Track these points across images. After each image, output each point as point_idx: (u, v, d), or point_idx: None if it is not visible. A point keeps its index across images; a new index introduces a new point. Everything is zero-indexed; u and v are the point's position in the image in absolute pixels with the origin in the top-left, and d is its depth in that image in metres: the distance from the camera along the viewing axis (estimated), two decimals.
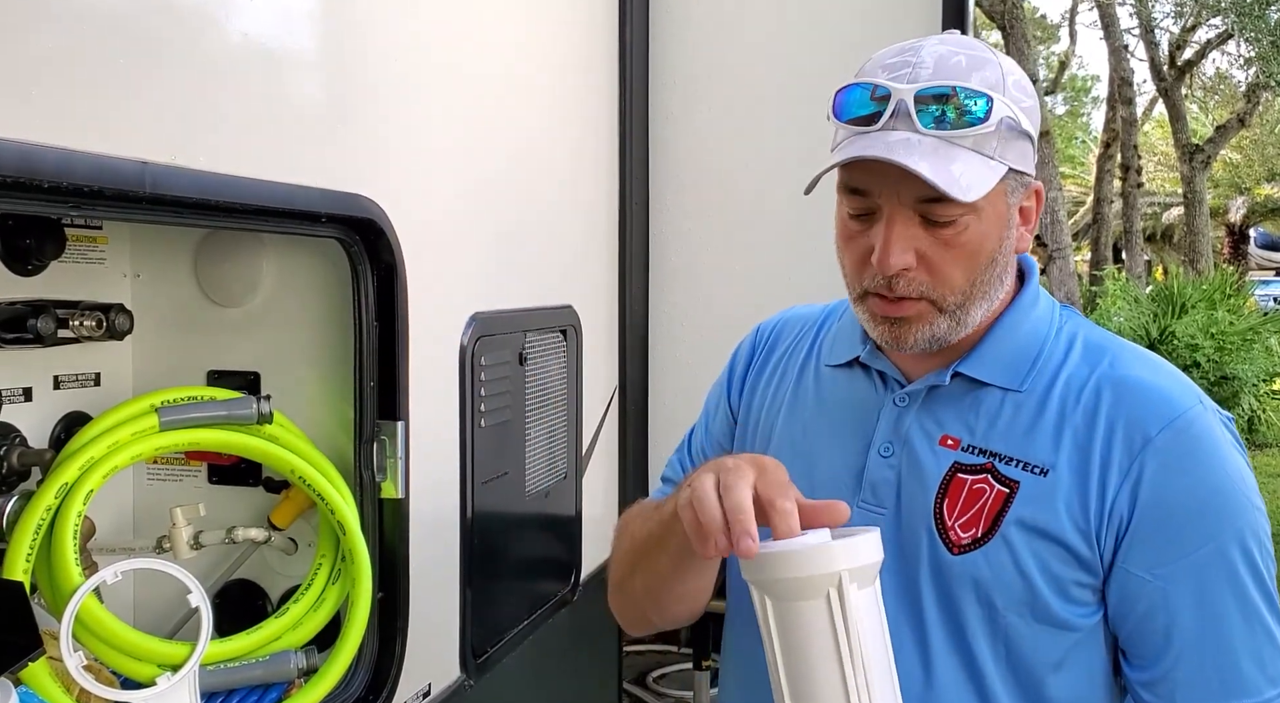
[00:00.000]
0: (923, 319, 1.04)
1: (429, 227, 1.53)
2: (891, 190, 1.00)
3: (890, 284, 1.03)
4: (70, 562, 1.21)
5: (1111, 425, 1.03)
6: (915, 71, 1.01)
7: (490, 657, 1.74)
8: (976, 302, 1.05)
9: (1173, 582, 1.01)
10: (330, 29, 1.33)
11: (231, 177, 1.13)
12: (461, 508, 1.64)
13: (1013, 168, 1.02)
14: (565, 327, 2.05)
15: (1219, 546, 1.00)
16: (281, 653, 1.35)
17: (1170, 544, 1.01)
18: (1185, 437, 1.02)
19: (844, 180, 1.05)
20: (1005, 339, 1.09)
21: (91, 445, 1.26)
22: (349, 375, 1.42)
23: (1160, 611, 1.01)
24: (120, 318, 1.44)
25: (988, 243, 1.03)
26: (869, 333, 1.11)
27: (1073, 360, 1.08)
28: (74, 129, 0.93)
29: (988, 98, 0.99)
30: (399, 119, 1.46)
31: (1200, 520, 1.01)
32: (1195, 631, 1.01)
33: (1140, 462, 1.01)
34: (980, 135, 0.98)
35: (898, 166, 0.96)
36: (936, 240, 1.01)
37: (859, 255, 1.06)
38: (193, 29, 1.10)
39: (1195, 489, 1.01)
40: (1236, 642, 1.00)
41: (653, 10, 2.40)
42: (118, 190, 0.97)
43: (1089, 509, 1.02)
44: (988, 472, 1.06)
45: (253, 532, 1.49)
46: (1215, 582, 1.00)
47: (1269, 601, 1.02)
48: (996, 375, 1.09)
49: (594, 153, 2.25)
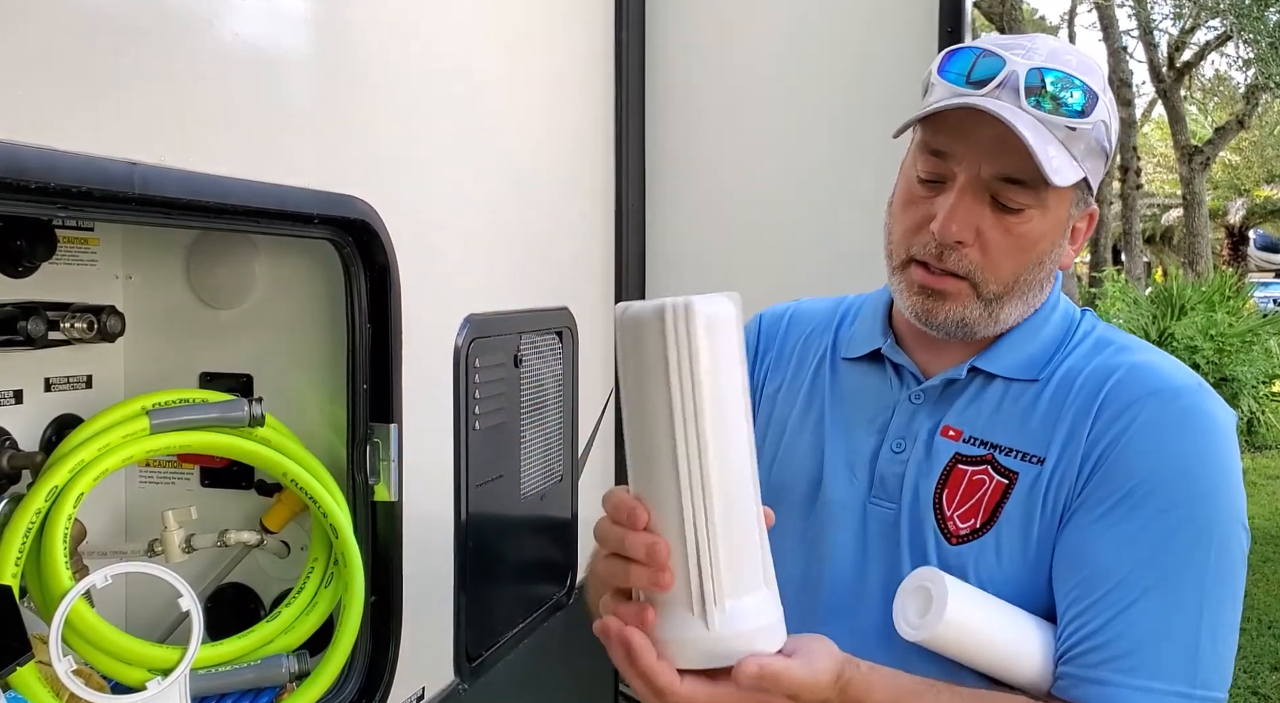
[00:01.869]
0: (959, 299, 1.04)
1: (423, 228, 1.52)
2: (974, 159, 1.00)
3: (941, 254, 1.02)
4: (60, 566, 1.20)
5: (1105, 403, 1.02)
6: (1030, 53, 1.00)
7: (484, 661, 1.73)
8: (1014, 299, 1.06)
9: (1126, 537, 0.97)
10: (323, 29, 1.32)
11: (222, 177, 1.12)
12: (456, 511, 1.63)
13: (1086, 180, 1.02)
14: (561, 328, 2.04)
15: (1186, 516, 0.96)
16: (273, 657, 1.34)
17: (1131, 499, 0.97)
18: (1174, 408, 1.00)
19: (927, 140, 1.04)
20: (1026, 338, 1.09)
21: (82, 448, 1.25)
22: (342, 377, 1.42)
23: (1100, 560, 0.97)
24: (111, 320, 1.43)
25: (1043, 243, 1.03)
26: (899, 301, 1.10)
27: (1080, 352, 1.08)
28: (62, 129, 0.92)
29: (1096, 94, 1.00)
30: (392, 119, 1.45)
31: (1170, 487, 0.97)
32: (1135, 596, 0.96)
33: (1125, 421, 1.00)
34: (1075, 132, 0.99)
35: (992, 134, 0.96)
36: (998, 225, 1.01)
37: (916, 221, 1.05)
38: (183, 29, 1.09)
39: (1174, 458, 0.98)
40: (1175, 622, 0.95)
41: (649, 12, 2.39)
42: (106, 191, 0.96)
43: (1073, 483, 1.01)
44: (988, 463, 1.05)
45: (245, 535, 1.48)
46: (1172, 553, 0.96)
47: (1220, 602, 0.97)
48: (1014, 370, 1.08)
49: (590, 154, 2.24)
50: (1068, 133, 0.98)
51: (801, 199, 2.30)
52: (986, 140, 0.98)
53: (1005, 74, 0.98)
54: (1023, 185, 0.99)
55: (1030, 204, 1.00)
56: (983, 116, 0.97)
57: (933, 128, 1.02)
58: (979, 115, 0.97)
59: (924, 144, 1.04)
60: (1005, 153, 0.97)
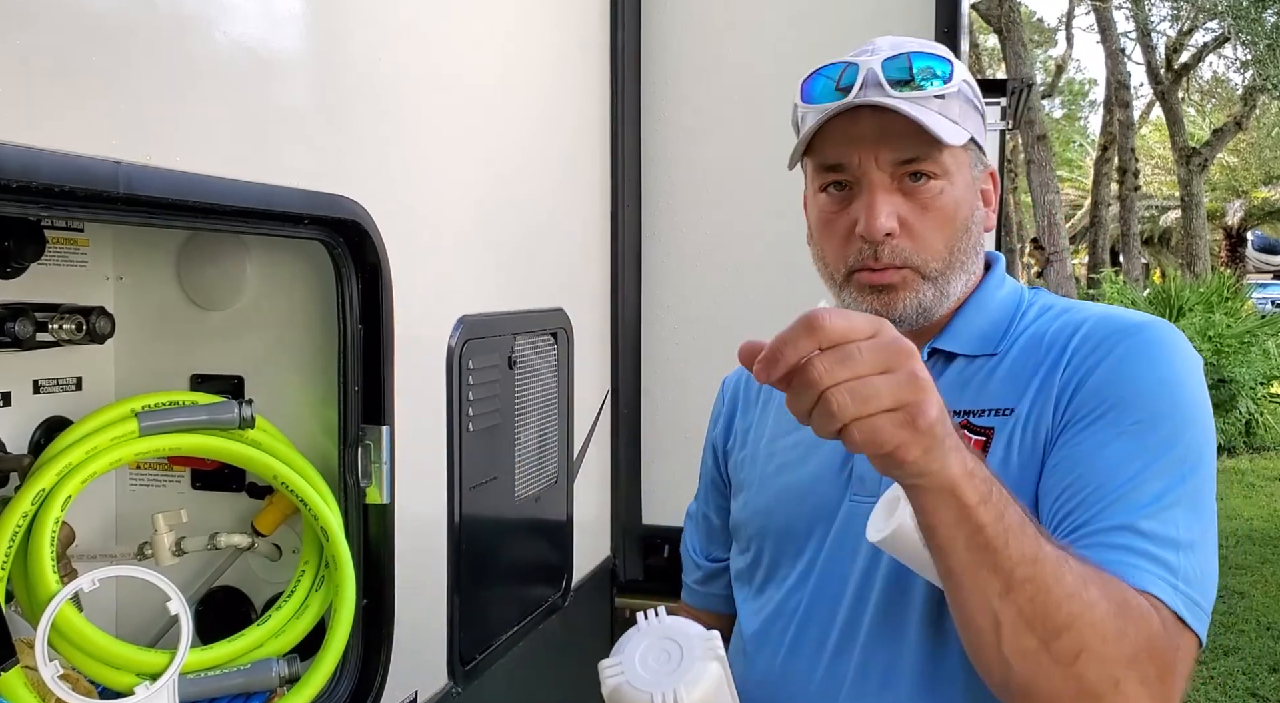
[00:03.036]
0: (909, 286, 1.07)
1: (415, 228, 1.51)
2: (870, 156, 1.05)
3: (876, 253, 1.06)
4: (47, 569, 1.19)
5: (1077, 348, 1.04)
6: (875, 51, 1.07)
7: (479, 664, 1.72)
8: (956, 270, 1.09)
9: (1100, 439, 0.97)
10: (313, 26, 1.31)
11: (210, 177, 1.11)
12: (449, 513, 1.62)
13: (974, 138, 1.09)
14: (556, 330, 2.03)
15: (1170, 431, 0.97)
16: (263, 661, 1.33)
17: (1114, 413, 0.98)
18: (1143, 339, 1.02)
19: (821, 161, 1.09)
20: (978, 314, 1.13)
21: (69, 451, 1.24)
22: (334, 379, 1.40)
23: (1086, 467, 0.97)
24: (101, 321, 1.42)
25: (961, 209, 1.08)
26: (858, 310, 1.12)
27: (1040, 320, 1.11)
28: (44, 127, 0.91)
29: (948, 60, 1.07)
30: (383, 119, 1.44)
31: (1153, 402, 0.98)
32: (1110, 473, 0.95)
33: (1099, 355, 1.02)
34: (944, 98, 1.05)
35: (876, 128, 1.02)
36: (915, 205, 1.06)
37: (842, 235, 1.09)
38: (171, 27, 1.08)
39: (1152, 379, 1.00)
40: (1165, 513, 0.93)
41: (645, 11, 2.39)
42: (90, 190, 0.95)
43: (1050, 420, 1.02)
44: (964, 428, 1.07)
45: (235, 538, 1.47)
46: (1161, 463, 0.95)
47: (1207, 516, 0.95)
48: (970, 346, 1.11)
49: (586, 153, 2.23)
50: (938, 102, 1.05)
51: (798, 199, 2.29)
52: (873, 135, 1.04)
53: (864, 74, 1.04)
54: (921, 160, 1.04)
55: (935, 173, 1.05)
56: (861, 118, 1.04)
57: (822, 149, 1.08)
58: (858, 119, 1.04)
59: (819, 167, 1.09)
60: (894, 138, 1.03)
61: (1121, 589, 0.87)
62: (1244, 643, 4.91)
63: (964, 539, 0.81)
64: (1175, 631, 0.89)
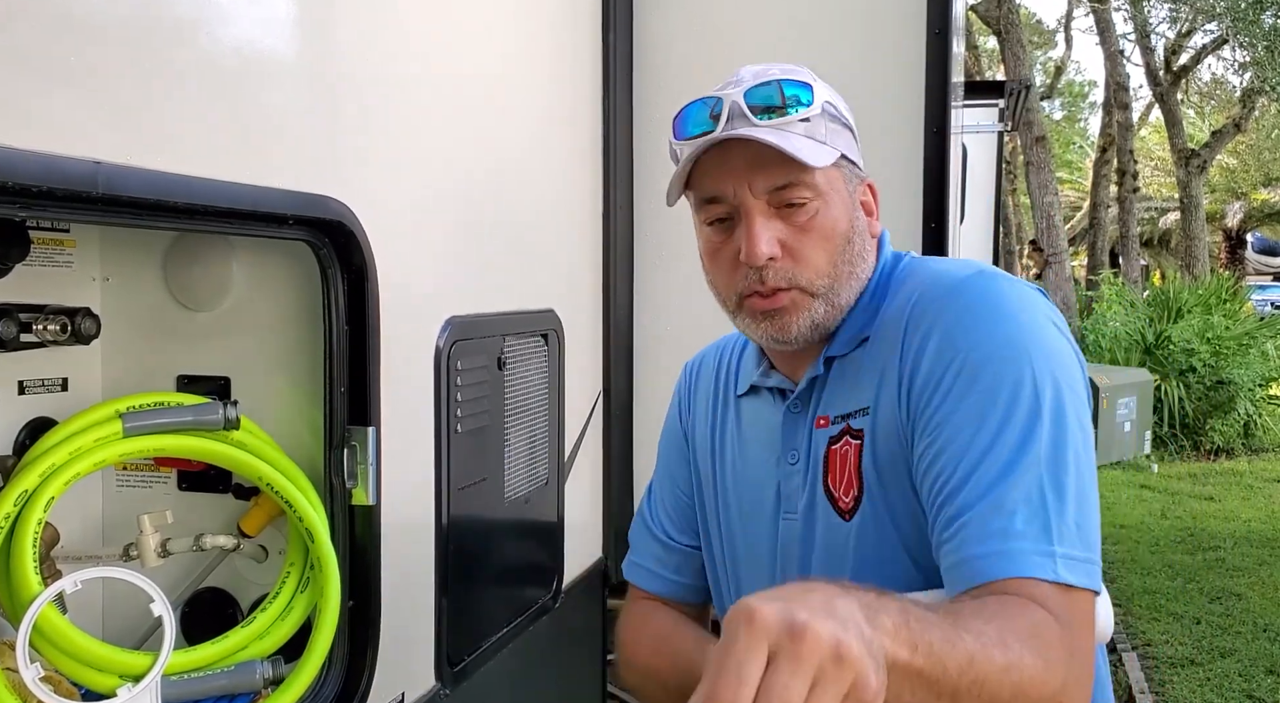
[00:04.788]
0: (799, 306, 1.11)
1: (402, 228, 1.51)
2: (743, 185, 1.09)
3: (762, 277, 1.10)
4: (29, 571, 1.19)
5: (908, 331, 1.08)
6: (739, 83, 1.11)
7: (467, 665, 1.72)
8: (843, 282, 1.13)
9: (955, 424, 1.00)
10: (299, 26, 1.31)
11: (192, 178, 1.10)
12: (437, 514, 1.62)
13: (845, 155, 1.12)
14: (546, 331, 2.03)
15: (1010, 396, 0.99)
16: (247, 663, 1.32)
17: (950, 393, 1.02)
18: (961, 303, 1.05)
19: (700, 195, 1.14)
20: (860, 311, 1.16)
21: (53, 452, 1.23)
22: (320, 380, 1.40)
23: (945, 460, 1.00)
24: (86, 322, 1.42)
25: (840, 225, 1.12)
26: (753, 337, 1.19)
27: (893, 300, 1.14)
28: (21, 127, 0.91)
29: (808, 85, 1.10)
30: (370, 119, 1.44)
31: (974, 371, 1.01)
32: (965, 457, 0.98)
33: (924, 333, 1.06)
34: (809, 121, 1.09)
35: (746, 158, 1.07)
36: (794, 228, 1.10)
37: (729, 264, 1.13)
38: (153, 27, 1.07)
39: (980, 343, 1.02)
40: (1029, 496, 0.96)
41: (636, 12, 2.38)
42: (69, 191, 0.95)
43: (901, 415, 1.06)
44: (846, 433, 1.12)
45: (221, 539, 1.47)
46: (1008, 432, 0.98)
47: (1055, 445, 0.97)
48: (850, 343, 1.15)
49: (577, 154, 2.23)
50: (803, 125, 1.09)
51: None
52: (744, 165, 1.08)
53: (729, 107, 1.09)
54: (793, 185, 1.08)
55: (808, 197, 1.09)
56: (732, 149, 1.09)
57: (700, 182, 1.13)
58: (729, 150, 1.09)
59: (699, 201, 1.15)
60: (765, 165, 1.07)
61: (1021, 614, 0.90)
62: (1241, 645, 4.90)
63: (909, 690, 0.83)
64: (1066, 602, 0.93)
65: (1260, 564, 6.17)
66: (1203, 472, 9.01)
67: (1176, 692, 4.42)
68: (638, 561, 1.40)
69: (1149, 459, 9.42)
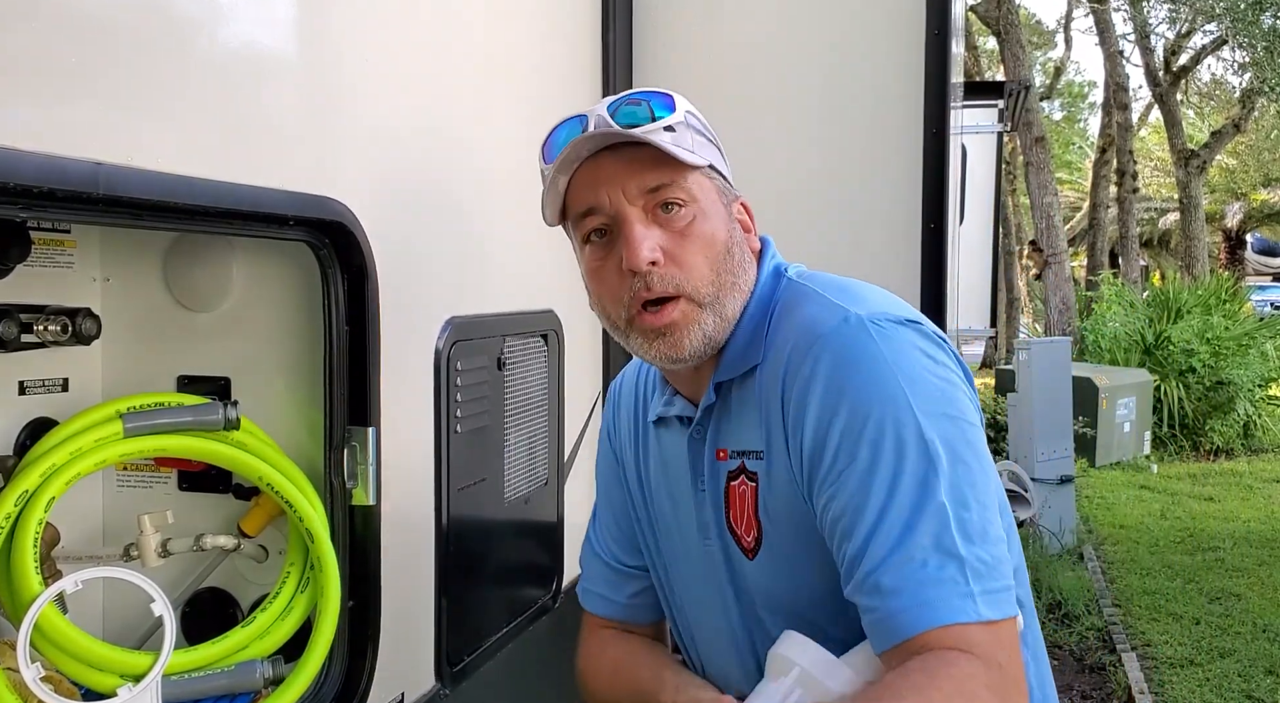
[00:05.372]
0: (688, 320, 1.10)
1: (402, 229, 1.51)
2: (618, 191, 1.09)
3: (647, 284, 1.09)
4: (30, 571, 1.19)
5: (786, 382, 1.08)
6: (600, 104, 1.11)
7: (467, 665, 1.72)
8: (727, 291, 1.12)
9: (851, 485, 1.00)
10: (299, 27, 1.31)
11: (192, 178, 1.10)
12: (436, 514, 1.62)
13: (714, 166, 1.13)
14: (546, 331, 2.03)
15: (876, 435, 1.00)
16: (247, 663, 1.33)
17: (838, 452, 1.02)
18: (828, 361, 1.04)
19: (577, 209, 1.13)
20: (743, 331, 1.15)
21: (53, 452, 1.24)
22: (320, 380, 1.40)
23: (847, 524, 1.00)
24: (86, 322, 1.42)
25: (719, 234, 1.12)
26: (647, 359, 1.16)
27: (777, 329, 1.13)
28: (23, 128, 0.91)
29: (669, 96, 1.12)
30: (370, 120, 1.44)
31: (856, 426, 1.01)
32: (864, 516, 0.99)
33: (800, 393, 1.05)
34: (673, 127, 1.10)
35: (615, 166, 1.08)
36: (673, 234, 1.09)
37: (613, 279, 1.12)
38: (154, 28, 1.08)
39: (850, 407, 1.02)
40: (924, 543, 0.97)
41: (635, 11, 2.39)
42: (69, 191, 0.95)
43: (794, 468, 1.07)
44: (743, 472, 1.13)
45: (221, 539, 1.47)
46: (880, 470, 0.99)
47: (957, 486, 0.98)
48: (737, 368, 1.14)
49: None
50: (669, 133, 1.09)
51: (788, 197, 2.29)
52: (617, 171, 1.08)
53: (593, 120, 1.09)
54: (667, 186, 1.09)
55: (684, 199, 1.10)
56: (603, 160, 1.09)
57: (574, 198, 1.12)
58: (600, 164, 1.09)
59: (577, 217, 1.13)
60: (637, 169, 1.08)
61: (946, 678, 0.92)
62: (1240, 645, 4.91)
63: None
64: (992, 637, 0.95)
65: (1260, 565, 6.17)
66: (1202, 472, 9.01)
67: (1176, 692, 4.42)
68: (590, 587, 1.41)
69: (1148, 460, 9.43)
